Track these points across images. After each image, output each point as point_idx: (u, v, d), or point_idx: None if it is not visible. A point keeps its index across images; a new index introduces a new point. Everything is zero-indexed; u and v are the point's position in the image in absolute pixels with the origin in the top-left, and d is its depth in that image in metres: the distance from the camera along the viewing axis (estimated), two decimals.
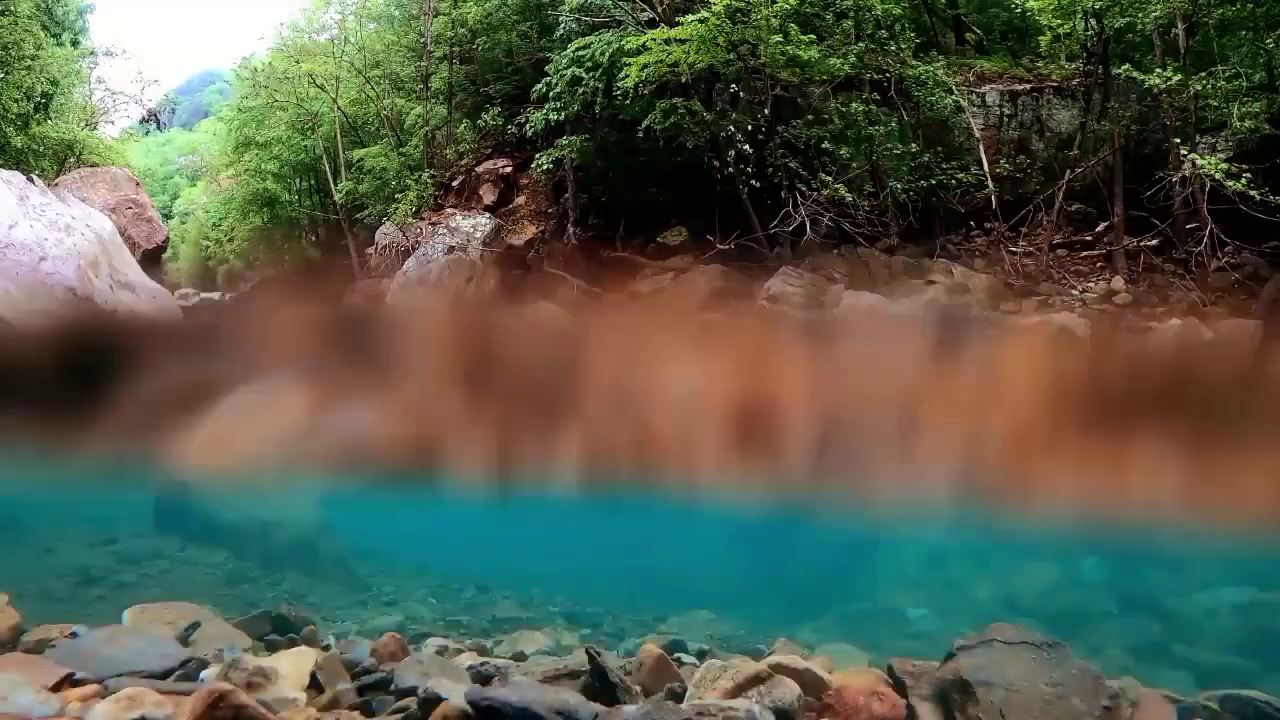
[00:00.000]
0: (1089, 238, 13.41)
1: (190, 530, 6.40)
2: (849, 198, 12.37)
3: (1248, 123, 10.93)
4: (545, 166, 15.27)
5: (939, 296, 12.27)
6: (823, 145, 12.84)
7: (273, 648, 3.72)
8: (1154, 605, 5.54)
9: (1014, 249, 13.21)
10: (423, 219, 17.18)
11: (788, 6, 12.33)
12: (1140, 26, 12.44)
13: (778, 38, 12.47)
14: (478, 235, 16.35)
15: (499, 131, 17.72)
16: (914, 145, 13.23)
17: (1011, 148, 14.12)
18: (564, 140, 14.73)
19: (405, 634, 3.88)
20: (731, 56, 12.86)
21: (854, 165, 12.90)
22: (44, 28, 20.39)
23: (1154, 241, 12.44)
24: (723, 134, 13.02)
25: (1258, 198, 10.14)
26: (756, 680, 2.94)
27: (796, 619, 5.38)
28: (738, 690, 2.89)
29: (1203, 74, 11.38)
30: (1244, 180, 10.20)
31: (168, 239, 19.55)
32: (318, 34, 23.86)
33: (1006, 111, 14.57)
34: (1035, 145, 14.32)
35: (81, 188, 16.04)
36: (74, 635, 3.34)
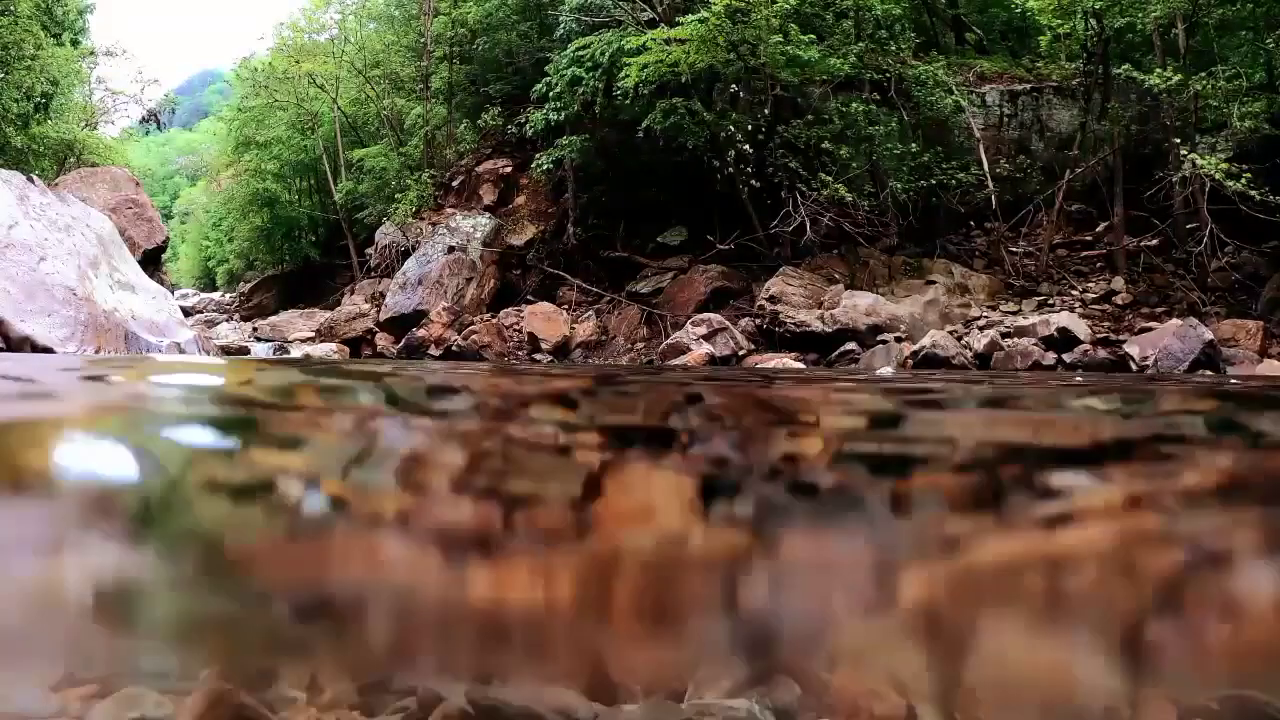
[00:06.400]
0: (1089, 238, 13.42)
1: None
2: (849, 198, 12.36)
3: (1248, 123, 10.93)
4: (545, 166, 15.26)
5: (938, 296, 12.28)
6: (823, 145, 12.83)
7: None
8: None
9: (1014, 249, 13.22)
10: (423, 219, 17.18)
11: (788, 6, 12.32)
12: (1140, 26, 12.44)
13: (778, 38, 12.47)
14: (478, 235, 16.35)
15: (499, 131, 17.72)
16: (914, 145, 13.22)
17: (1011, 148, 14.12)
18: (564, 140, 14.72)
19: None
20: (731, 56, 12.86)
21: (854, 165, 12.89)
22: (44, 28, 20.37)
23: (1154, 241, 12.44)
24: (723, 134, 13.02)
25: (1258, 198, 10.14)
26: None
27: None
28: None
29: (1203, 74, 11.37)
30: (1244, 180, 10.20)
31: (168, 239, 19.54)
32: (318, 34, 23.85)
33: (1006, 111, 14.58)
34: (1035, 145, 14.32)
35: (81, 188, 16.03)
36: None
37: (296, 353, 13.60)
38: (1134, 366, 9.82)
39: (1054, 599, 1.06)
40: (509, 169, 17.59)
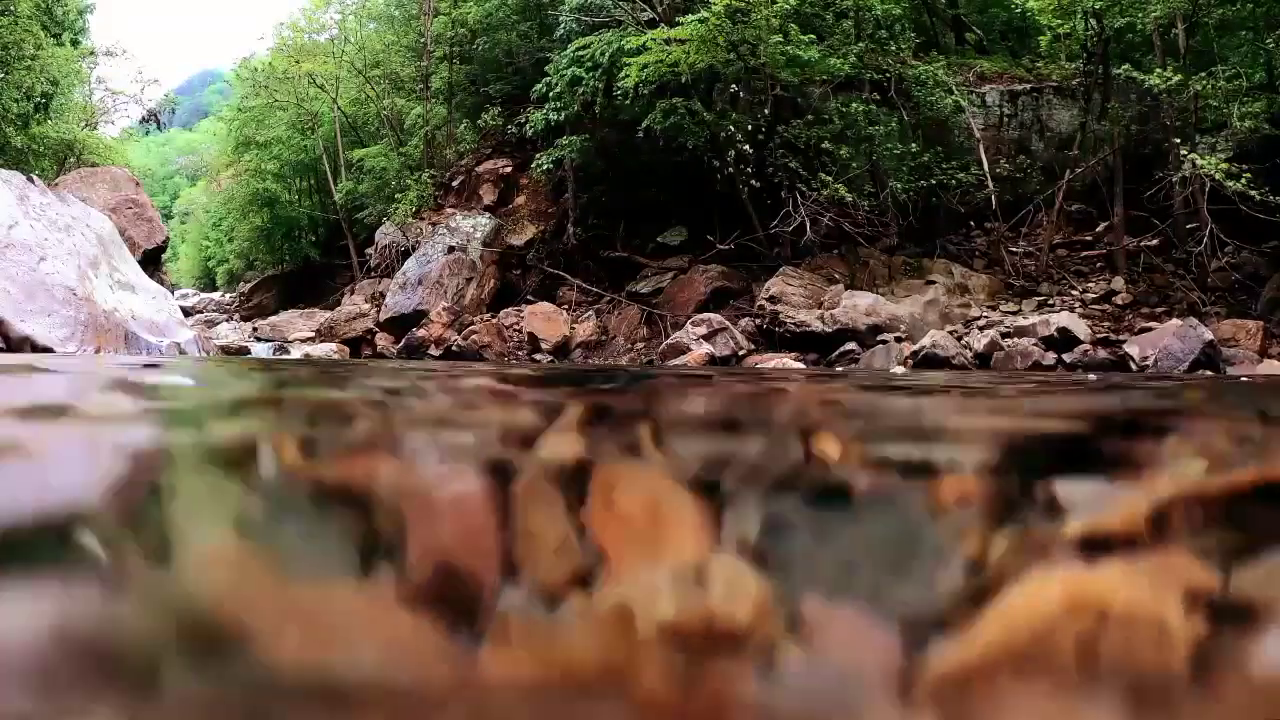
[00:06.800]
0: (1089, 238, 13.42)
1: None
2: (849, 198, 12.36)
3: (1248, 123, 10.93)
4: (545, 166, 15.27)
5: (938, 296, 12.28)
6: (823, 145, 12.83)
7: None
8: None
9: (1014, 249, 13.22)
10: (423, 219, 17.19)
11: (788, 6, 12.32)
12: (1140, 26, 12.44)
13: (778, 38, 12.47)
14: (478, 235, 16.36)
15: (499, 131, 17.72)
16: (914, 145, 13.22)
17: (1011, 148, 14.13)
18: (564, 140, 14.73)
19: None
20: (731, 56, 12.85)
21: (854, 165, 12.89)
22: (44, 28, 20.39)
23: (1154, 241, 12.44)
24: (723, 134, 13.02)
25: (1258, 198, 10.14)
26: None
27: None
28: None
29: (1203, 74, 11.37)
30: (1244, 180, 10.20)
31: (168, 239, 19.55)
32: (318, 34, 23.87)
33: (1006, 111, 14.58)
34: (1035, 145, 14.33)
35: (81, 188, 16.03)
36: None
37: (296, 353, 13.60)
38: (1134, 366, 9.82)
39: None
40: (509, 169, 17.59)
